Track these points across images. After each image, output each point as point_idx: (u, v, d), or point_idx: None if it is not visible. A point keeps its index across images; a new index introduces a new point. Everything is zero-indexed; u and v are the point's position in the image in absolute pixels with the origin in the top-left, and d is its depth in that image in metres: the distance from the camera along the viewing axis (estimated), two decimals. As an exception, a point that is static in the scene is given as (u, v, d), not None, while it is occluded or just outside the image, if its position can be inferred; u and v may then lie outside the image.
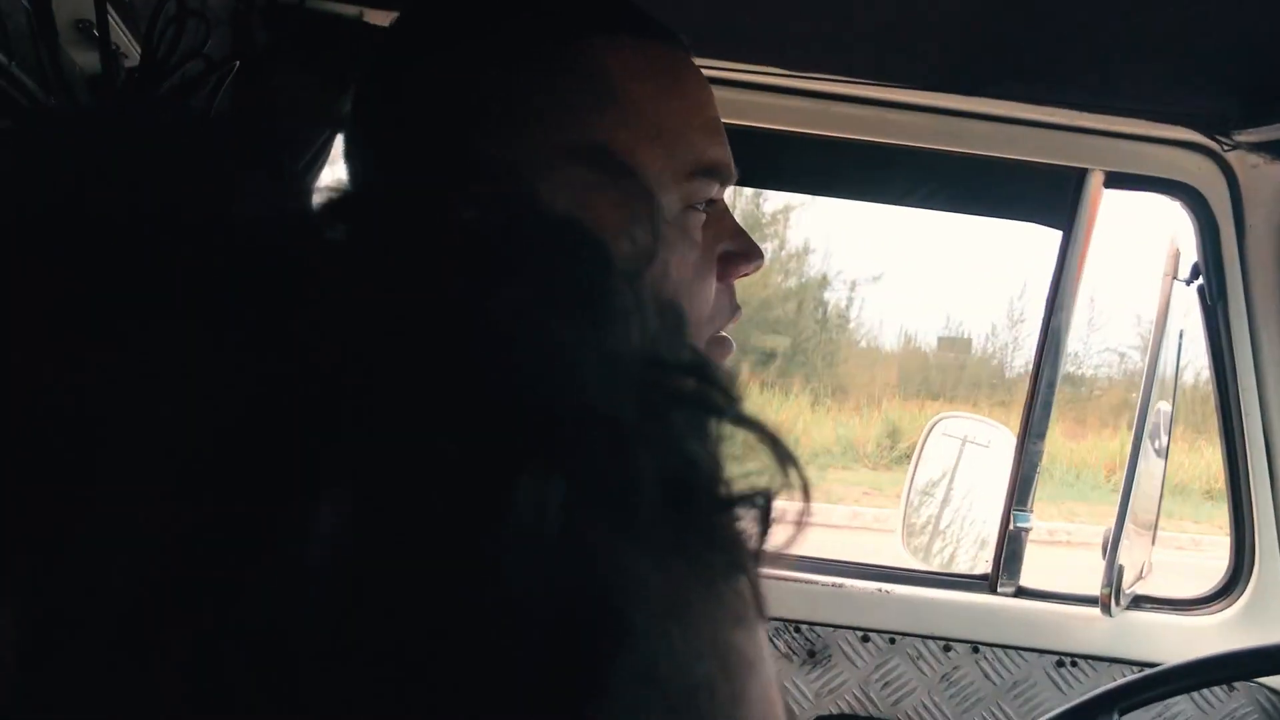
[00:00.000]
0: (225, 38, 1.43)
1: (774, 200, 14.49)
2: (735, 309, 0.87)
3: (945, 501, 2.15)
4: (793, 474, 0.28)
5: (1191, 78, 1.40)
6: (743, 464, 0.28)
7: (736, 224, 0.86)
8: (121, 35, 1.01)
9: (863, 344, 14.69)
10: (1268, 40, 1.28)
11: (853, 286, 15.14)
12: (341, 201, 0.26)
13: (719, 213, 0.85)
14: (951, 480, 2.14)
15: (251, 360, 0.22)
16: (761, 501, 0.27)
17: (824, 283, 14.86)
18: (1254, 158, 1.55)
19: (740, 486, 0.27)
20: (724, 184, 0.83)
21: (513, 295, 0.24)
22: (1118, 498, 1.63)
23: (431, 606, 0.21)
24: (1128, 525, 1.62)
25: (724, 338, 0.87)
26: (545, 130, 0.78)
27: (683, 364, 0.26)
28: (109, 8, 0.95)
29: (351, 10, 1.44)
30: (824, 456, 11.93)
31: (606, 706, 0.22)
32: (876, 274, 16.66)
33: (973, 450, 2.38)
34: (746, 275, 0.87)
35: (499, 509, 0.21)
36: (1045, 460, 1.69)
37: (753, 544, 0.27)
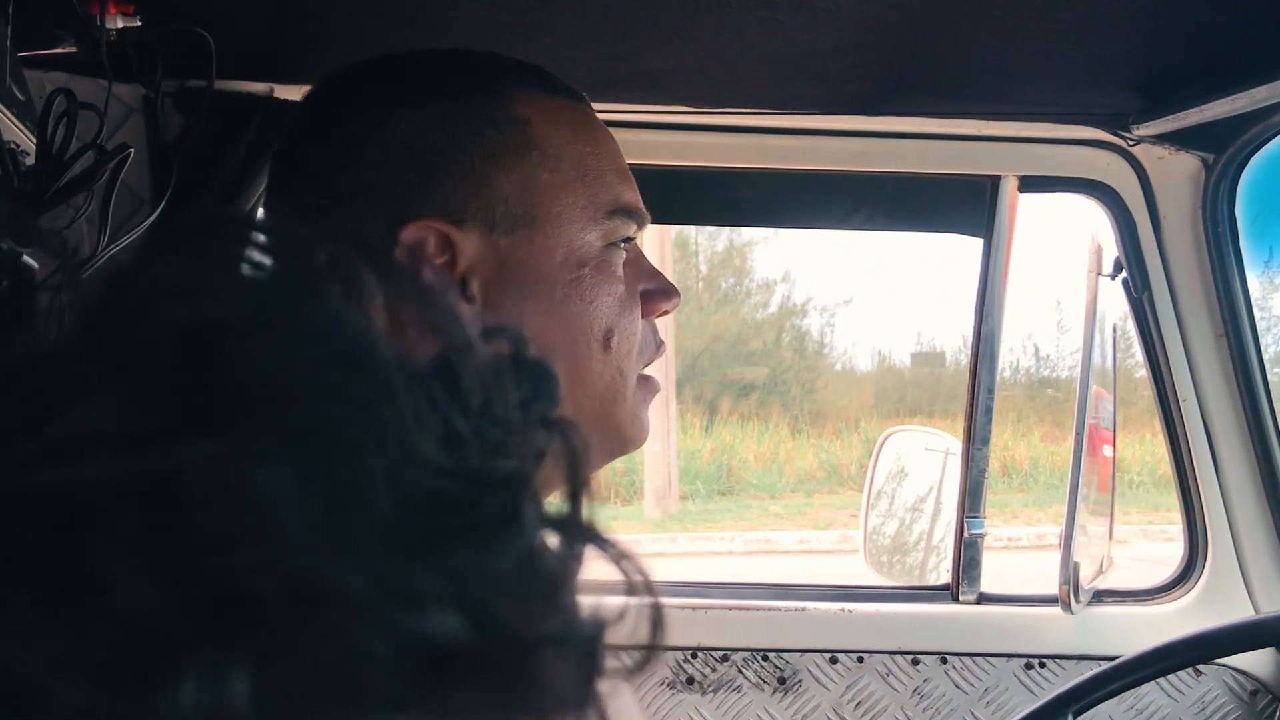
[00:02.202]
0: (138, 126, 1.44)
1: (741, 233, 14.61)
2: (660, 344, 0.92)
3: (935, 515, 2.16)
4: (636, 579, 0.25)
5: (1090, 76, 1.43)
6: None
7: (651, 266, 0.92)
8: (17, 132, 1.03)
9: (838, 367, 14.78)
10: (1157, 34, 1.31)
11: (824, 312, 15.25)
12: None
13: (636, 254, 0.91)
14: (939, 493, 2.16)
15: None
16: (584, 637, 0.24)
17: (796, 311, 14.96)
18: (1159, 150, 1.58)
19: (557, 622, 0.23)
20: (639, 225, 0.89)
21: (208, 446, 0.20)
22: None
23: None
24: (1080, 519, 1.64)
25: (649, 376, 0.92)
26: (473, 181, 0.83)
27: (486, 477, 0.23)
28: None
29: (261, 88, 1.46)
30: (809, 483, 11.97)
31: None
32: (847, 298, 16.81)
33: (954, 462, 2.40)
34: (666, 313, 0.92)
35: (149, 703, 0.19)
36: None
37: (571, 685, 0.23)
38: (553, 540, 0.24)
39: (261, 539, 0.19)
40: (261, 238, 0.25)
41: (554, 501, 0.25)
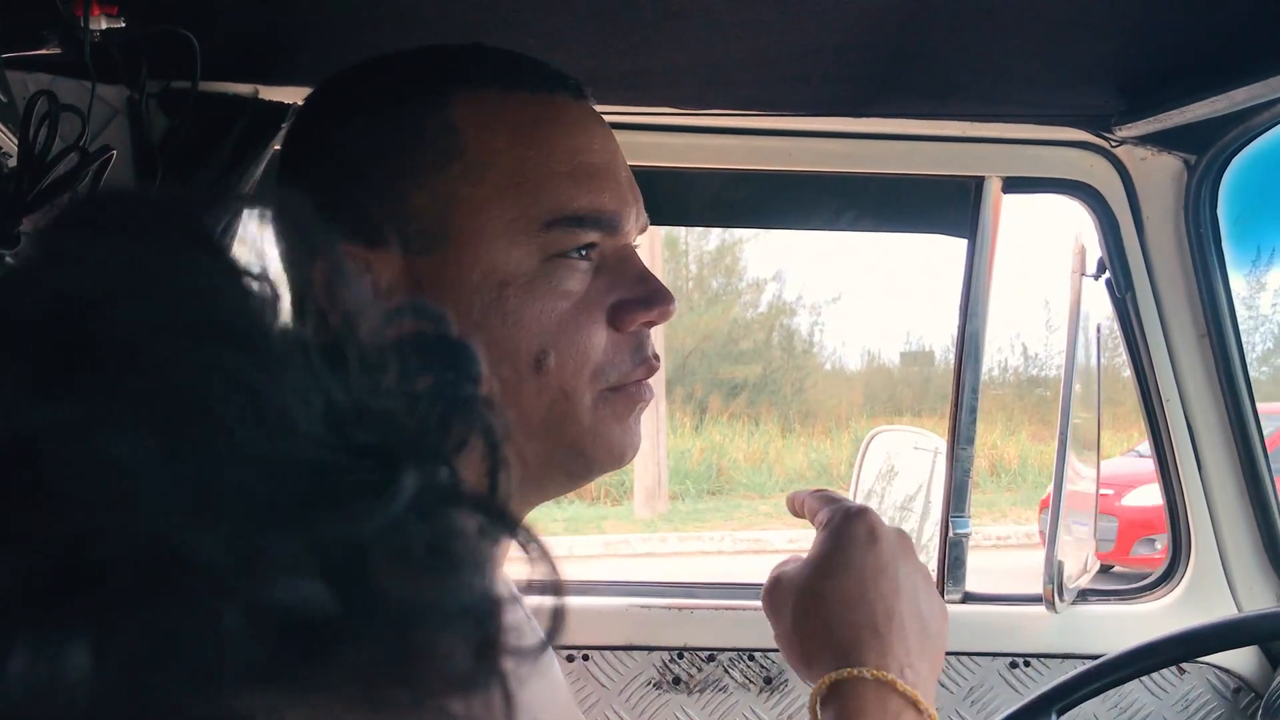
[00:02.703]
0: (122, 127, 1.44)
1: (730, 233, 14.63)
2: (640, 361, 0.83)
3: (925, 514, 2.17)
4: (535, 553, 0.25)
5: (1073, 77, 1.44)
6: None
7: (640, 270, 0.83)
8: (1, 135, 1.03)
9: (828, 366, 14.82)
10: (1139, 36, 1.32)
11: (814, 311, 15.28)
12: None
13: (619, 258, 0.82)
14: (928, 493, 2.16)
15: None
16: (478, 614, 0.23)
17: (786, 310, 14.99)
18: (1142, 150, 1.59)
19: (447, 597, 0.22)
20: (606, 230, 0.81)
21: (66, 411, 0.20)
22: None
23: None
24: (1064, 520, 1.65)
25: (625, 387, 0.83)
26: (391, 200, 0.78)
27: (363, 448, 0.22)
28: (-18, 110, 0.97)
29: (246, 89, 1.46)
30: (799, 482, 11.98)
31: None
32: (836, 297, 16.86)
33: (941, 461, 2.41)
34: (653, 323, 0.84)
35: None
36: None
37: (465, 662, 0.23)
38: (460, 518, 0.23)
39: (113, 504, 0.19)
40: (148, 210, 0.25)
41: (474, 481, 0.25)
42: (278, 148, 1.42)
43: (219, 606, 0.19)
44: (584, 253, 0.80)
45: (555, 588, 0.25)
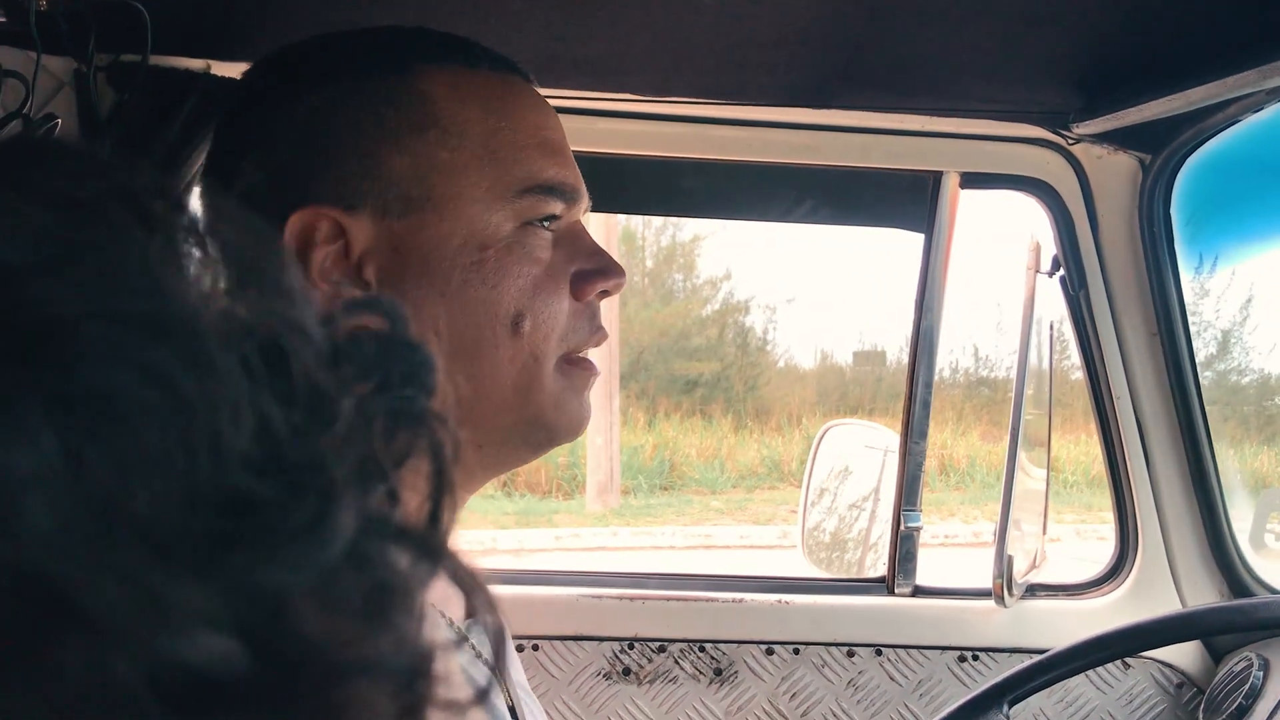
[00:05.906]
0: (69, 100, 1.41)
1: (687, 230, 14.64)
2: (596, 329, 0.88)
3: (873, 514, 2.17)
4: (478, 597, 0.23)
5: (1032, 75, 1.44)
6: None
7: (594, 244, 0.88)
8: (-60, 102, 1.00)
9: (781, 364, 14.88)
10: (1098, 33, 1.33)
11: (768, 310, 15.34)
12: None
13: (573, 232, 0.88)
14: (878, 492, 2.17)
15: None
16: (405, 665, 0.21)
17: (741, 308, 15.03)
18: (1098, 149, 1.60)
19: (372, 648, 0.20)
20: (569, 202, 0.86)
21: None
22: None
23: None
24: (1014, 515, 1.65)
25: (580, 359, 0.88)
26: (366, 164, 0.81)
27: (297, 475, 0.19)
28: (-79, 75, 0.94)
29: (198, 64, 1.43)
30: (750, 478, 12.03)
31: None
32: (790, 296, 16.92)
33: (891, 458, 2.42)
34: (607, 294, 0.89)
35: None
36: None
37: (389, 717, 0.20)
38: (391, 553, 0.21)
39: None
40: (87, 174, 0.22)
41: (408, 507, 0.23)
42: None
43: (109, 659, 0.17)
44: (548, 222, 0.84)
45: (496, 628, 0.24)
